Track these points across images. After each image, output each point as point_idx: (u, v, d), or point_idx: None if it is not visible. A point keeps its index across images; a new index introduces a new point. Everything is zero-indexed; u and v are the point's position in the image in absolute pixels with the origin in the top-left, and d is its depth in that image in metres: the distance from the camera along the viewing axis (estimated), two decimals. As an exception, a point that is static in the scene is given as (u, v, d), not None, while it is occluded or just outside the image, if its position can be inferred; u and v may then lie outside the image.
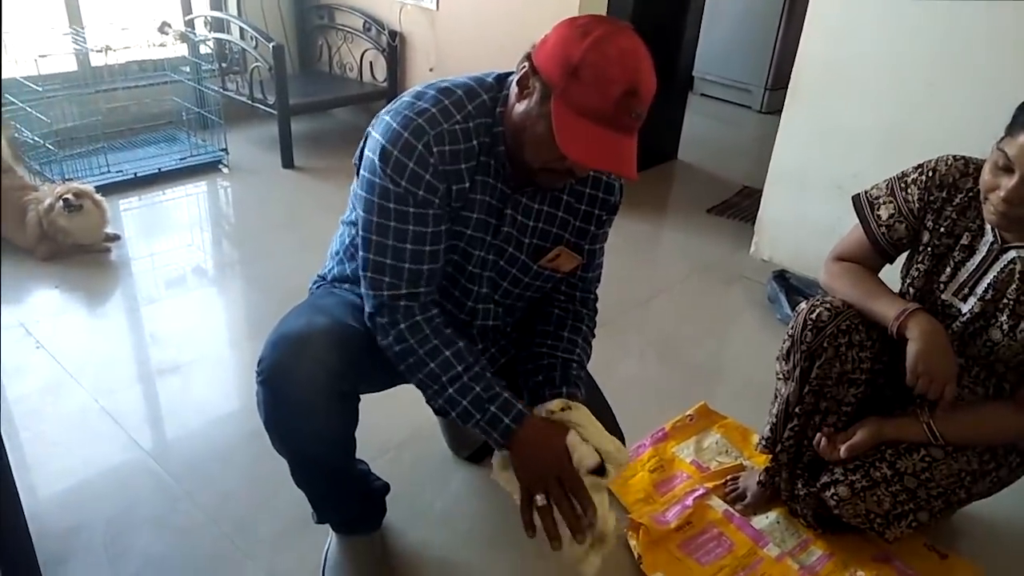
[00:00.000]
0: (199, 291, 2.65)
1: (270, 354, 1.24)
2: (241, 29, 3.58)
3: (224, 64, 3.77)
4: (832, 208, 2.61)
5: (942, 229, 1.46)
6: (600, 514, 1.22)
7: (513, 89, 1.19)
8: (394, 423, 1.89)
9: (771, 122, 3.40)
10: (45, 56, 3.14)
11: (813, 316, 1.49)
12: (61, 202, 2.60)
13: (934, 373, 1.36)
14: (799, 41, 2.69)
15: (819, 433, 1.54)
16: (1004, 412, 1.47)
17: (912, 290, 1.51)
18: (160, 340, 2.32)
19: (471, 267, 1.31)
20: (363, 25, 3.91)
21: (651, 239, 3.28)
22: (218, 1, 3.93)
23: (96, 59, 3.44)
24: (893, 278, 1.57)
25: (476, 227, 1.27)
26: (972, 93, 2.30)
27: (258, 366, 1.25)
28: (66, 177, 3.06)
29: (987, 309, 1.41)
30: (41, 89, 3.02)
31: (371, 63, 3.98)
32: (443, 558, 1.60)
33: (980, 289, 1.42)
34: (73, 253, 2.69)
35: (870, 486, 1.48)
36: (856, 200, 1.57)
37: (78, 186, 2.70)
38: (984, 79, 2.27)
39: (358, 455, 1.45)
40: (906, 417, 1.50)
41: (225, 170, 3.54)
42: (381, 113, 1.23)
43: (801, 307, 1.54)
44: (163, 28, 3.47)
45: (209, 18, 3.75)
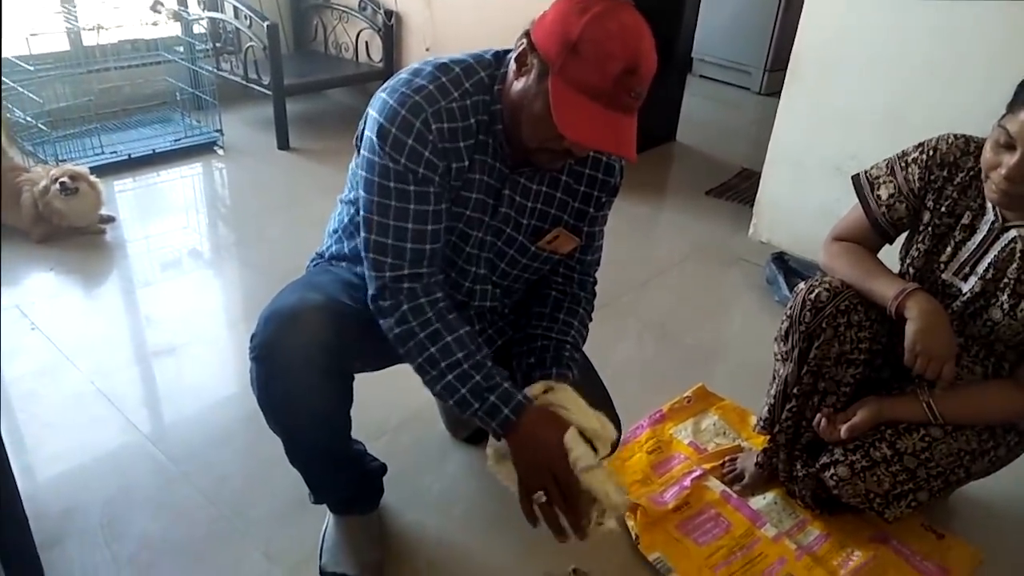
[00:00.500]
0: (194, 273, 2.64)
1: (263, 330, 1.23)
2: (235, 8, 3.53)
3: (218, 44, 3.73)
4: (831, 190, 2.60)
5: (943, 209, 1.45)
6: (601, 491, 1.20)
7: (511, 66, 1.17)
8: (392, 404, 1.89)
9: (770, 104, 3.39)
10: (36, 35, 3.10)
11: (812, 296, 1.49)
12: (58, 185, 2.58)
13: (933, 352, 1.36)
14: (798, 22, 2.67)
15: (819, 414, 1.53)
16: (1003, 391, 1.47)
17: (912, 270, 1.50)
18: (156, 322, 2.31)
19: (468, 248, 1.30)
20: (359, 4, 3.87)
21: (649, 221, 3.27)
22: (211, -20, 3.89)
23: (88, 38, 3.40)
24: (892, 259, 1.56)
25: (474, 207, 1.26)
26: (973, 73, 2.28)
27: (251, 342, 1.24)
28: (59, 158, 3.05)
29: (987, 289, 1.40)
30: (33, 69, 2.99)
31: (367, 43, 3.95)
32: (440, 539, 1.60)
33: (981, 268, 1.41)
34: (68, 235, 2.68)
35: (870, 466, 1.48)
36: (856, 180, 1.56)
37: (74, 168, 2.68)
38: (985, 59, 2.25)
39: (356, 436, 1.45)
40: (906, 397, 1.50)
41: (220, 151, 3.52)
42: (379, 91, 1.21)
43: (800, 287, 1.53)
44: (156, 7, 3.43)
45: (203, -3, 3.72)
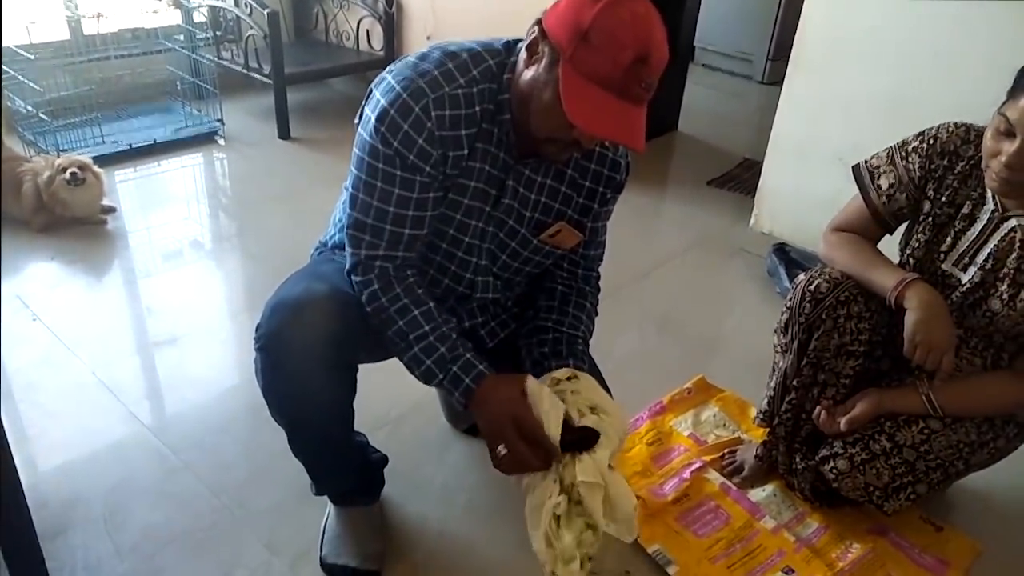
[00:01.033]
0: (196, 263, 2.64)
1: (268, 320, 1.23)
2: (236, -4, 3.52)
3: (219, 32, 3.72)
4: (833, 180, 2.59)
5: (943, 198, 1.44)
6: (614, 493, 1.20)
7: (522, 55, 1.16)
8: (393, 396, 1.89)
9: (772, 93, 3.37)
10: (37, 23, 3.09)
11: (812, 287, 1.48)
12: (68, 175, 2.58)
13: (932, 342, 1.35)
14: (801, 11, 2.65)
15: (818, 406, 1.54)
16: (1002, 383, 1.47)
17: (912, 260, 1.50)
18: (157, 312, 2.31)
19: (469, 238, 1.30)
20: (360, -8, 3.85)
21: (651, 211, 3.26)
22: (212, -32, 3.87)
23: (89, 27, 3.39)
24: (892, 250, 1.56)
25: (474, 196, 1.26)
26: (975, 61, 2.27)
27: (256, 332, 1.25)
28: (60, 148, 3.04)
29: (987, 279, 1.40)
30: (33, 58, 2.98)
31: (368, 31, 3.93)
32: (441, 530, 1.61)
33: (980, 258, 1.41)
34: (69, 225, 2.68)
35: (869, 459, 1.48)
36: (856, 169, 1.55)
37: (81, 159, 2.68)
38: (987, 47, 2.24)
39: (357, 427, 1.45)
40: (905, 389, 1.50)
41: (221, 141, 3.51)
42: (385, 71, 1.21)
43: (800, 278, 1.53)
44: (156, -5, 3.41)
45: (203, -15, 3.70)
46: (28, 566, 1.31)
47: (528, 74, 1.15)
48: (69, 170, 2.59)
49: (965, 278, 1.43)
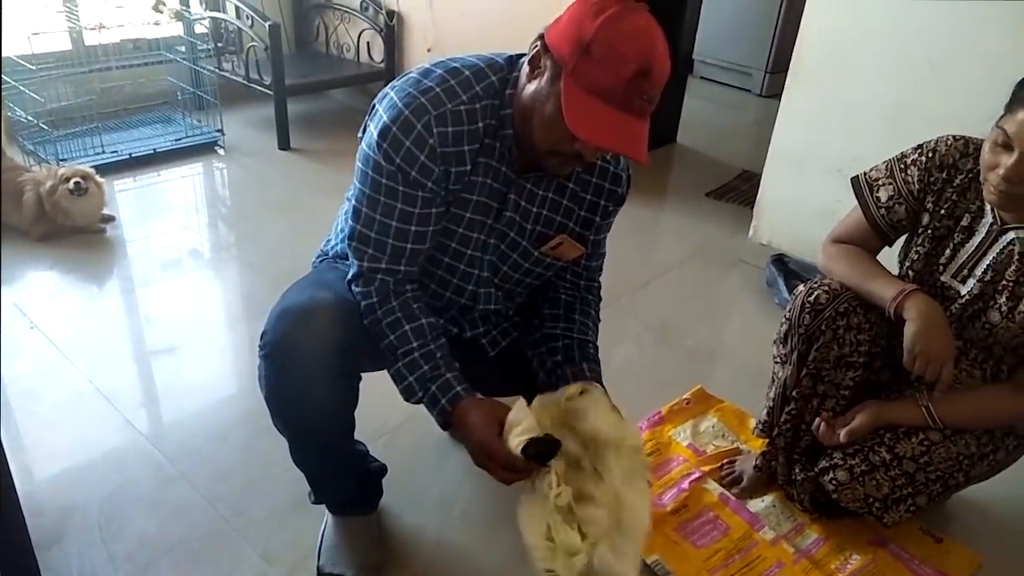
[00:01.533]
0: (194, 273, 2.64)
1: (273, 328, 1.23)
2: (237, 8, 3.53)
3: (220, 44, 3.73)
4: (832, 192, 2.60)
5: (942, 211, 1.44)
6: (634, 513, 1.21)
7: (524, 69, 1.17)
8: (391, 406, 1.87)
9: (771, 105, 3.39)
10: (38, 34, 3.11)
11: (811, 299, 1.48)
12: (72, 185, 2.59)
13: (932, 353, 1.35)
14: (800, 24, 2.67)
15: (818, 418, 1.53)
16: (1002, 395, 1.46)
17: (911, 273, 1.50)
18: (155, 321, 2.31)
19: (471, 251, 1.30)
20: (360, 5, 3.87)
21: (650, 223, 3.26)
22: (213, -20, 3.89)
23: (90, 37, 3.41)
24: (891, 262, 1.56)
25: (476, 210, 1.26)
26: (974, 74, 2.28)
27: (261, 339, 1.25)
28: (60, 158, 3.05)
29: (986, 291, 1.40)
30: (35, 68, 3.00)
31: (368, 43, 3.95)
32: (438, 539, 1.60)
33: (979, 271, 1.41)
34: (68, 234, 2.68)
35: (869, 470, 1.48)
36: (855, 182, 1.55)
37: (83, 168, 2.68)
38: (987, 60, 2.25)
39: (355, 437, 1.45)
40: (904, 401, 1.50)
41: (221, 151, 3.52)
42: (388, 87, 1.22)
43: (799, 289, 1.53)
44: (157, 6, 3.43)
45: (204, -3, 3.72)
46: (23, 575, 1.30)
47: (530, 88, 1.16)
48: (72, 180, 2.60)
49: (964, 290, 1.43)
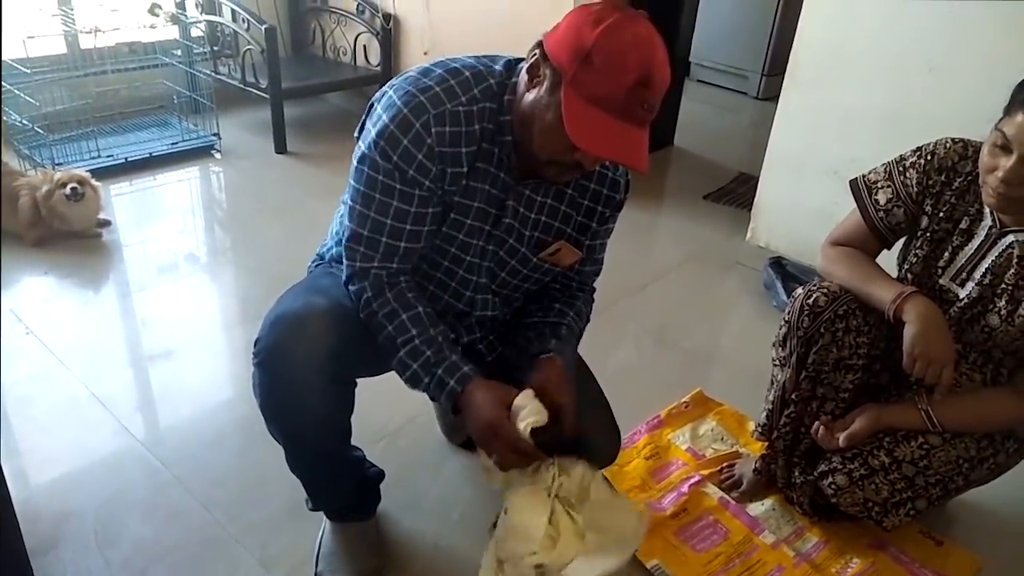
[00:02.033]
0: (191, 277, 2.63)
1: (267, 335, 1.22)
2: (233, 11, 3.53)
3: (216, 47, 3.72)
4: (829, 194, 2.60)
5: (941, 213, 1.44)
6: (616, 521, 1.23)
7: (523, 77, 1.17)
8: (389, 410, 1.88)
9: (768, 108, 3.39)
10: (33, 38, 3.10)
11: (810, 301, 1.48)
12: (69, 190, 2.58)
13: (931, 356, 1.35)
14: (796, 26, 2.67)
15: (817, 422, 1.53)
16: (1002, 398, 1.46)
17: (910, 276, 1.50)
18: (151, 326, 2.30)
19: (470, 257, 1.30)
20: (356, 7, 3.87)
21: (647, 226, 3.26)
22: (209, -17, 3.89)
23: (85, 41, 3.39)
24: (890, 264, 1.56)
25: (476, 216, 1.26)
26: (973, 77, 2.28)
27: (255, 346, 1.24)
28: (56, 162, 3.04)
29: (985, 294, 1.40)
30: (30, 72, 2.98)
31: (364, 46, 3.94)
32: (437, 545, 1.59)
33: (978, 274, 1.40)
34: (63, 239, 2.67)
35: (868, 474, 1.47)
36: (854, 184, 1.55)
37: (79, 173, 2.67)
38: (985, 62, 2.25)
39: (353, 442, 1.44)
40: (904, 404, 1.50)
41: (217, 155, 3.51)
42: (387, 86, 1.22)
43: (798, 292, 1.52)
44: (153, 9, 3.42)
45: (200, 0, 3.71)
46: (18, 582, 1.29)
47: (530, 97, 1.15)
48: (69, 185, 2.58)
49: (963, 293, 1.42)
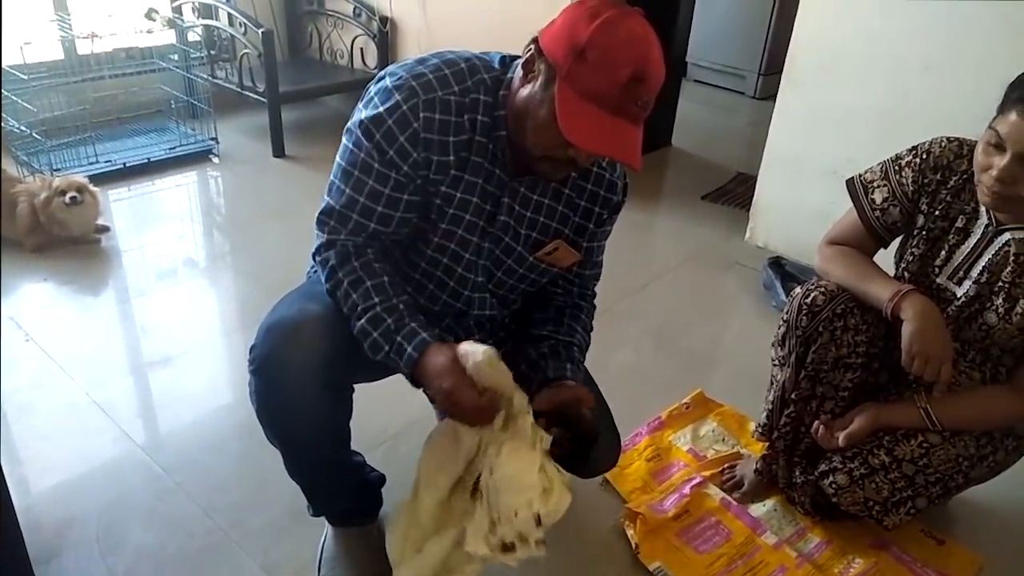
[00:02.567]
0: (190, 282, 2.63)
1: (262, 343, 1.22)
2: (229, 15, 3.53)
3: (213, 51, 3.72)
4: (827, 193, 2.60)
5: (937, 212, 1.44)
6: (500, 383, 1.19)
7: (518, 73, 1.17)
8: (389, 413, 1.88)
9: (765, 108, 3.39)
10: (30, 43, 3.10)
11: (808, 300, 1.48)
12: (68, 198, 2.57)
13: (930, 353, 1.35)
14: (792, 26, 2.67)
15: (817, 422, 1.53)
16: (1001, 396, 1.46)
17: (907, 274, 1.50)
18: (151, 332, 2.30)
19: (468, 255, 1.30)
20: (353, 11, 3.87)
21: (646, 227, 3.26)
22: (205, -13, 3.89)
23: (82, 46, 3.39)
24: (887, 264, 1.56)
25: (473, 212, 1.26)
26: (968, 75, 2.29)
27: (250, 354, 1.23)
28: (54, 168, 3.04)
29: (982, 292, 1.40)
30: (27, 78, 2.98)
31: (362, 49, 3.94)
32: (439, 548, 1.59)
33: (975, 272, 1.41)
34: (62, 245, 2.67)
35: (868, 474, 1.48)
36: (850, 184, 1.55)
37: (78, 179, 2.67)
38: (980, 61, 2.26)
39: (353, 446, 1.44)
40: (903, 403, 1.50)
41: (215, 159, 3.51)
42: (383, 71, 1.23)
43: (796, 292, 1.53)
44: (150, 14, 3.42)
45: (197, 4, 3.70)
46: (21, 590, 1.29)
47: (524, 92, 1.15)
48: (68, 194, 2.58)
49: (960, 292, 1.43)
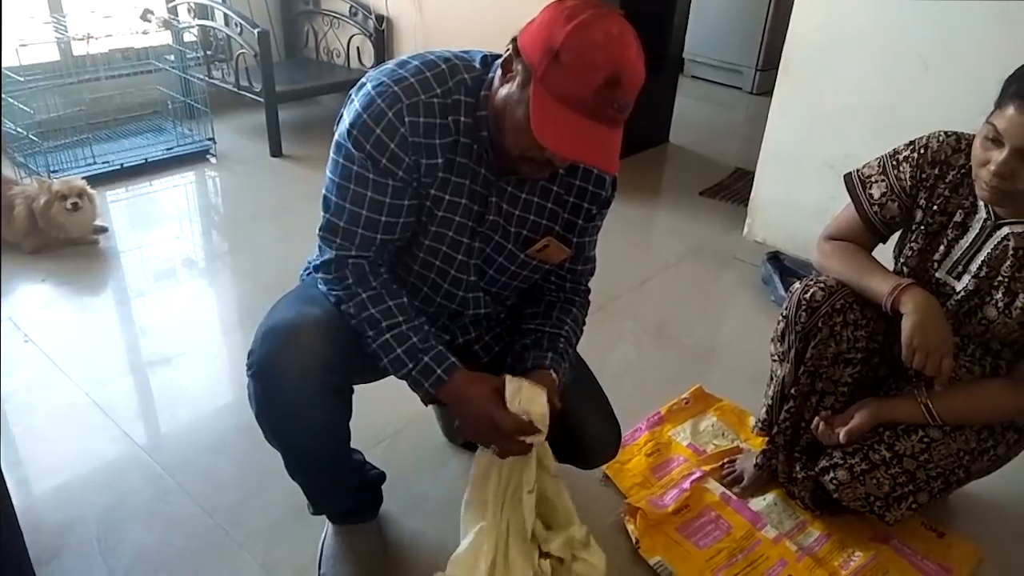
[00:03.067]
0: (188, 282, 2.63)
1: (260, 346, 1.22)
2: (225, 15, 3.52)
3: (209, 52, 3.72)
4: (825, 188, 2.60)
5: (935, 207, 1.44)
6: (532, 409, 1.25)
7: (497, 72, 1.17)
8: (389, 412, 1.88)
9: (762, 103, 3.39)
10: (26, 45, 3.09)
11: (807, 296, 1.48)
12: (69, 204, 2.57)
13: (930, 347, 1.35)
14: (789, 21, 2.67)
15: (817, 417, 1.53)
16: (1001, 390, 1.46)
17: (906, 269, 1.50)
18: (149, 332, 2.29)
19: (460, 256, 1.30)
20: (349, 10, 3.87)
21: (644, 223, 3.26)
22: (201, -13, 3.88)
23: (78, 48, 3.39)
24: (886, 258, 1.56)
25: (463, 213, 1.26)
26: (965, 69, 2.29)
27: (248, 358, 1.23)
28: (51, 169, 3.03)
29: (981, 287, 1.40)
30: (23, 79, 2.98)
31: (358, 48, 3.94)
32: (440, 546, 1.58)
33: (974, 267, 1.41)
34: (60, 246, 2.66)
35: (869, 469, 1.48)
36: (848, 179, 1.55)
37: (77, 183, 2.66)
38: (977, 55, 2.26)
39: (353, 444, 1.44)
40: (903, 398, 1.50)
41: (212, 160, 3.51)
42: (364, 77, 1.22)
43: (795, 287, 1.52)
44: (146, 15, 3.42)
45: (192, 4, 3.69)
46: (22, 591, 1.29)
47: (503, 92, 1.15)
48: (70, 200, 2.57)
49: (959, 286, 1.43)
